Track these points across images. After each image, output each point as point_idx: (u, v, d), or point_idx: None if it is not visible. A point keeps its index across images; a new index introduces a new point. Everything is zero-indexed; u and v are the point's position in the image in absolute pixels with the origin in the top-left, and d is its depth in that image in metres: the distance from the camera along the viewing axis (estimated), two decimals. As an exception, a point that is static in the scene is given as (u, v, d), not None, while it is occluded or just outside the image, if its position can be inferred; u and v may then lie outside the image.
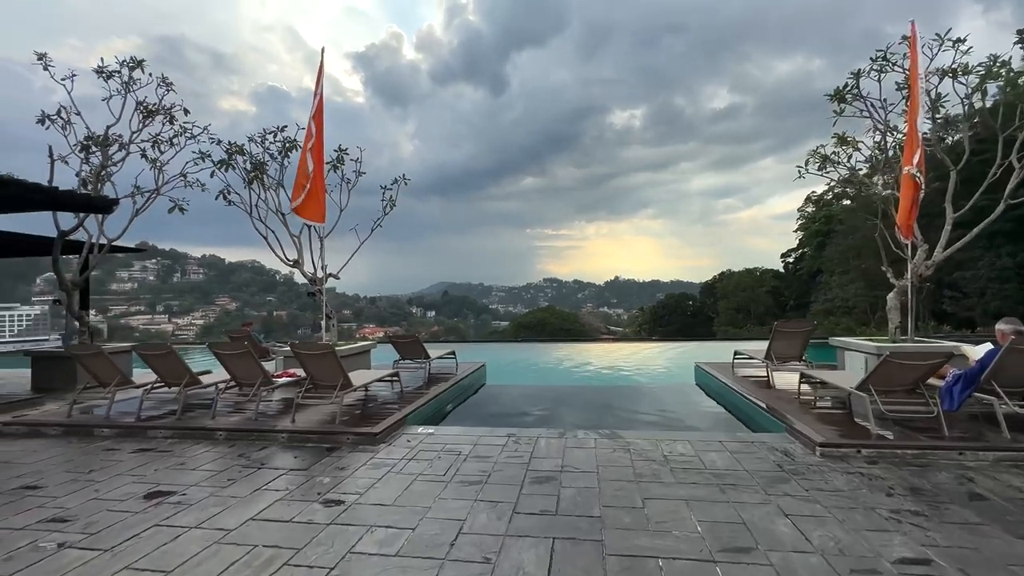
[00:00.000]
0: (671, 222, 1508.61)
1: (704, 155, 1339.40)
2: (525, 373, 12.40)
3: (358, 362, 8.42)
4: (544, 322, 67.18)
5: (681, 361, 13.59)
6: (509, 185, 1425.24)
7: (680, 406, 7.65)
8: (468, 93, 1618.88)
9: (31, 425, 5.66)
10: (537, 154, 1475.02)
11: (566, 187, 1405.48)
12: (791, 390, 6.56)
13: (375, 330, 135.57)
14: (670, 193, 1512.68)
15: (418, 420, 5.94)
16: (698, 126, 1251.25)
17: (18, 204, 7.16)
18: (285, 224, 8.60)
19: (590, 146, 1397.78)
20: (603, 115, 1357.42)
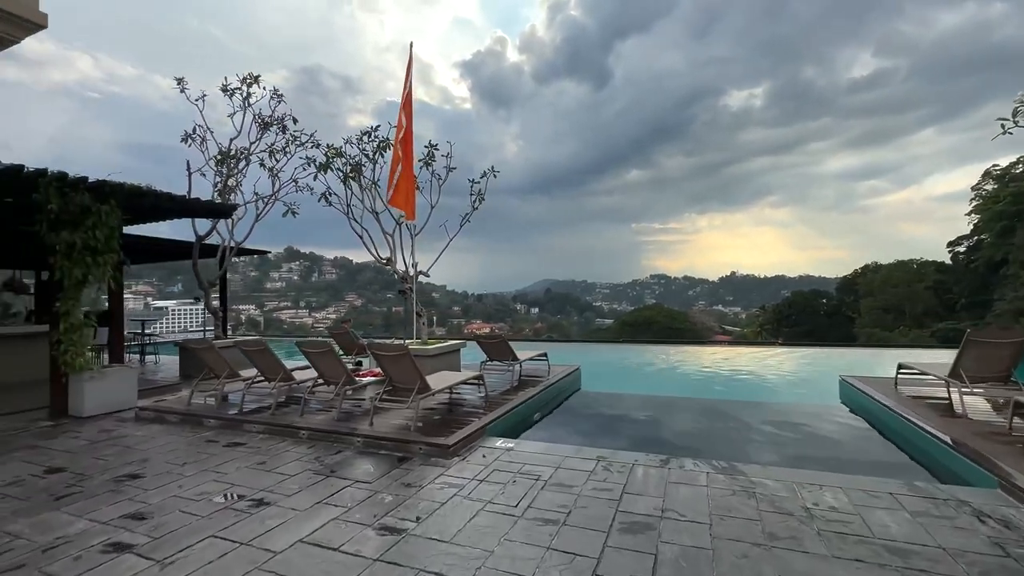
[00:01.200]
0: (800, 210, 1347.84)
1: (841, 132, 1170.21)
2: (625, 378, 11.34)
3: (447, 362, 8.21)
4: (650, 320, 63.72)
5: (817, 371, 11.45)
6: (613, 179, 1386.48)
7: (821, 433, 6.15)
8: (570, 89, 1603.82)
9: (159, 412, 6.23)
10: (643, 145, 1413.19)
11: (674, 178, 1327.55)
12: (994, 423, 4.83)
13: (481, 326, 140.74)
14: (798, 178, 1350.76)
15: (499, 430, 5.42)
16: (832, 99, 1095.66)
17: (157, 213, 8.09)
18: (379, 222, 8.71)
19: (701, 132, 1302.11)
20: (716, 98, 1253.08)
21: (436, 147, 9.05)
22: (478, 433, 4.98)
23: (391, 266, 8.77)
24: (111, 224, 6.76)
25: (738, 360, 13.45)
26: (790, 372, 11.86)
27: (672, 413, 7.34)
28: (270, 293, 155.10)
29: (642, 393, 8.91)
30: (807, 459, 5.14)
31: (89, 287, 6.82)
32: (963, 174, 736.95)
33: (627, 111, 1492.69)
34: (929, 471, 4.46)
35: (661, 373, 12.19)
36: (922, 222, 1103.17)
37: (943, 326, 37.00)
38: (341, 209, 8.80)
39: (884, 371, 7.55)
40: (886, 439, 5.63)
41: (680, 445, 5.64)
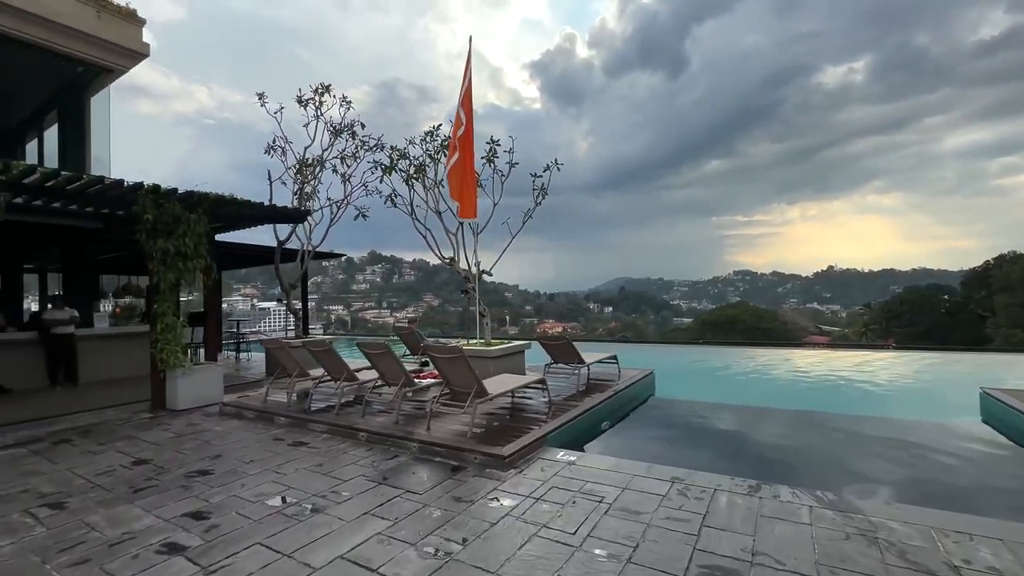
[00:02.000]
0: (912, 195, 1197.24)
1: (964, 104, 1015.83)
2: (706, 384, 10.39)
3: (510, 364, 7.93)
4: (734, 320, 59.56)
5: (944, 381, 9.73)
6: (690, 171, 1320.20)
7: (960, 460, 5.05)
8: (643, 80, 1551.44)
9: (239, 407, 6.57)
10: (723, 133, 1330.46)
11: (760, 166, 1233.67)
12: None
13: (553, 325, 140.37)
14: (909, 159, 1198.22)
15: (562, 440, 5.02)
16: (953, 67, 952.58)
17: (240, 220, 8.64)
18: (442, 222, 8.65)
19: (791, 115, 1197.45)
20: (808, 76, 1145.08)
21: (498, 143, 8.82)
22: (538, 443, 4.62)
23: (454, 266, 8.68)
24: (199, 231, 7.27)
25: (838, 364, 11.85)
26: (908, 380, 10.20)
27: (762, 427, 6.48)
28: (356, 294, 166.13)
29: (726, 402, 8.03)
30: (945, 496, 4.18)
31: (183, 290, 7.39)
32: None
33: (705, 98, 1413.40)
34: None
35: (748, 379, 11.04)
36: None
37: None
38: (405, 210, 8.88)
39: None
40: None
41: (773, 468, 4.87)
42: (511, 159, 8.85)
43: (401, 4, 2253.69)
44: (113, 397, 7.70)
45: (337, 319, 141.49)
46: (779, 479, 3.85)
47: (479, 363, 7.53)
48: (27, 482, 4.19)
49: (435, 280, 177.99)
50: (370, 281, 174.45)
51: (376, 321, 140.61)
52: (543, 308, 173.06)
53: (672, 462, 4.79)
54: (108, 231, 8.47)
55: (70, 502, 3.74)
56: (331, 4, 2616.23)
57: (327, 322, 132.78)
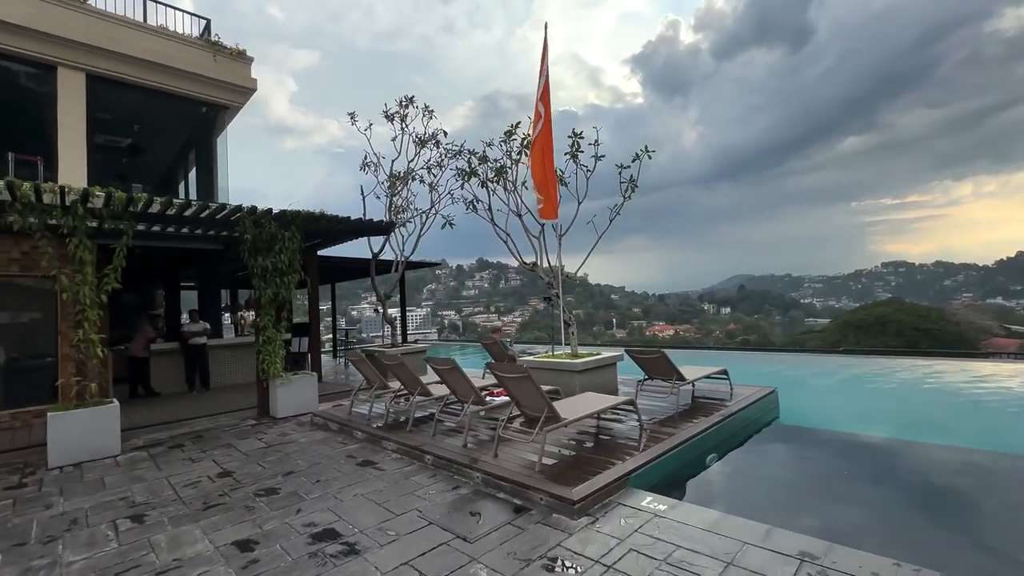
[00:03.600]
0: None
1: None
2: (848, 406, 8.45)
3: (598, 378, 7.14)
4: (885, 320, 50.52)
5: None
6: (820, 153, 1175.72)
7: None
8: (759, 58, 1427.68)
9: (325, 419, 6.70)
10: (861, 105, 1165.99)
11: (912, 138, 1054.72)
12: None
13: (664, 328, 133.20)
14: None
15: (653, 478, 4.16)
16: None
17: (334, 235, 9.01)
18: (523, 225, 8.14)
19: (953, 74, 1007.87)
20: (976, 25, 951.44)
21: (581, 136, 8.07)
22: (619, 483, 3.83)
23: (536, 270, 8.12)
24: (292, 248, 7.66)
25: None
26: None
27: (934, 474, 4.86)
28: (466, 300, 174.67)
29: (877, 433, 6.32)
30: None
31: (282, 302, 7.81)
32: None
33: (836, 68, 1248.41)
34: None
35: (908, 400, 8.80)
36: None
37: None
38: (485, 216, 8.53)
39: None
40: None
41: (958, 543, 3.47)
42: (596, 152, 8.06)
43: (500, 17, 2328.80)
44: (232, 403, 8.45)
45: (450, 323, 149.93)
46: (963, 563, 2.63)
47: (563, 377, 6.87)
48: (129, 489, 4.50)
49: (540, 284, 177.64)
50: (478, 287, 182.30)
51: (485, 325, 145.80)
52: (652, 310, 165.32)
53: (801, 524, 3.68)
54: (228, 251, 9.42)
55: (150, 516, 3.87)
56: (439, 29, 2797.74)
57: (440, 326, 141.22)
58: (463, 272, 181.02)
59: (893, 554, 3.19)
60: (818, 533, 3.53)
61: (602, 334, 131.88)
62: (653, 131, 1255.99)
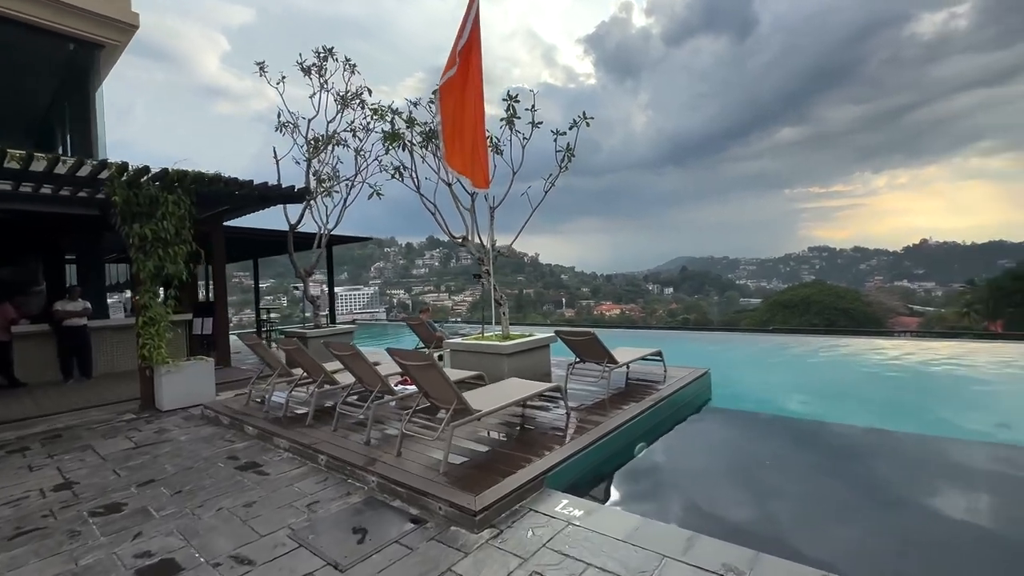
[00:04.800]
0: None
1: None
2: (778, 385, 8.56)
3: (530, 361, 6.69)
4: (809, 300, 54.35)
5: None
6: (759, 142, 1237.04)
7: None
8: (706, 46, 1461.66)
9: (217, 412, 5.81)
10: (797, 98, 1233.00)
11: (839, 132, 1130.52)
12: None
13: (611, 307, 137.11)
14: None
15: (572, 477, 3.73)
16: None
17: (237, 202, 7.89)
18: (453, 195, 7.42)
19: (878, 72, 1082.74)
20: (898, 26, 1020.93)
21: (516, 100, 7.41)
22: (532, 485, 3.35)
23: (467, 246, 7.47)
24: (179, 214, 6.56)
25: (959, 361, 9.48)
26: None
27: (874, 459, 4.77)
28: (416, 279, 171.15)
29: (807, 417, 6.29)
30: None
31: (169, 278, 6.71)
32: None
33: (777, 61, 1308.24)
34: None
35: (838, 380, 9.04)
36: None
37: None
38: (411, 186, 7.72)
39: None
40: None
41: (887, 545, 3.27)
42: (533, 118, 7.43)
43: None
44: (114, 394, 7.30)
45: (399, 302, 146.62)
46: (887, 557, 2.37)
47: (490, 361, 6.36)
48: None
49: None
50: (429, 265, 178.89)
51: (435, 304, 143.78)
52: (600, 289, 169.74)
53: (728, 522, 3.38)
54: (107, 218, 8.07)
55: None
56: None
57: (390, 305, 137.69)
58: (413, 250, 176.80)
59: (818, 548, 2.93)
60: (746, 532, 3.24)
61: (551, 313, 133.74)
62: (606, 113, 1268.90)
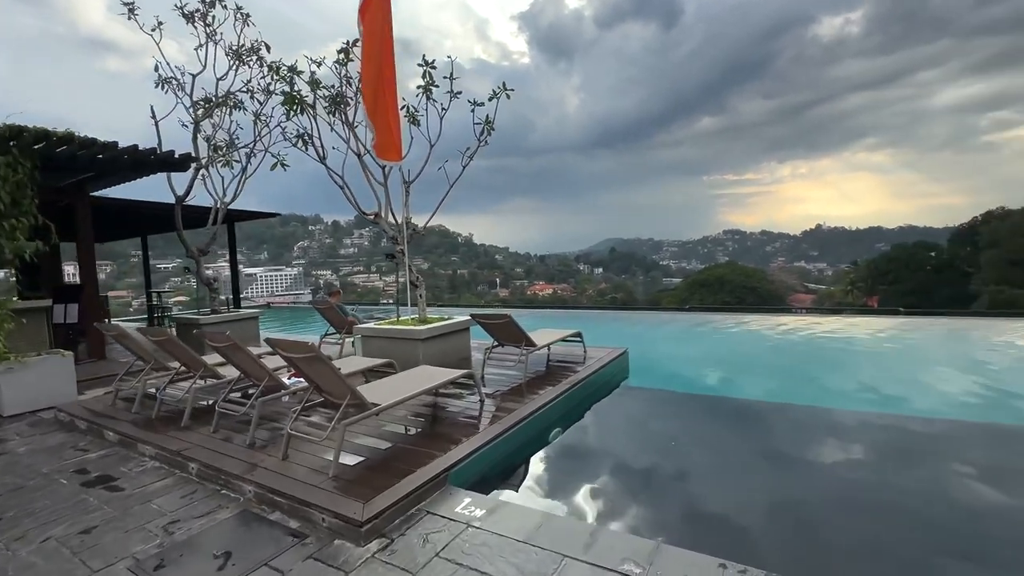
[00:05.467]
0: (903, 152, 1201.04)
1: (961, 56, 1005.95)
2: (697, 363, 8.94)
3: (448, 346, 6.38)
4: (723, 279, 58.60)
5: (971, 355, 8.39)
6: (681, 130, 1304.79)
7: None
8: (636, 32, 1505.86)
9: (72, 415, 4.93)
10: (716, 89, 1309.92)
11: (752, 124, 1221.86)
12: None
13: (544, 287, 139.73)
14: (901, 115, 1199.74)
15: (480, 470, 3.51)
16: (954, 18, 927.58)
17: (104, 168, 6.72)
18: (364, 168, 6.79)
19: (785, 70, 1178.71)
20: (804, 27, 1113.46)
21: (434, 66, 6.87)
22: (433, 485, 3.08)
23: (379, 223, 6.91)
24: (16, 180, 5.42)
25: (845, 334, 10.47)
26: (934, 357, 8.84)
27: (776, 432, 4.99)
28: (344, 259, 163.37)
29: (718, 392, 6.54)
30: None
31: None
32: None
33: (699, 51, 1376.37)
34: None
35: (744, 354, 9.59)
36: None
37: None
38: (315, 157, 6.96)
39: None
40: None
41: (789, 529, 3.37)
42: (452, 87, 6.94)
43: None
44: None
45: (326, 284, 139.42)
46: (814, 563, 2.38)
47: (403, 347, 5.96)
48: None
49: (424, 243, 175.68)
50: (358, 245, 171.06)
51: (365, 285, 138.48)
52: (533, 270, 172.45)
53: (632, 510, 3.33)
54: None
55: None
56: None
57: (316, 287, 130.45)
58: (341, 228, 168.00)
59: (721, 535, 2.92)
60: (651, 517, 3.19)
61: (486, 293, 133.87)
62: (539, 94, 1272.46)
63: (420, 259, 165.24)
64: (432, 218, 6.95)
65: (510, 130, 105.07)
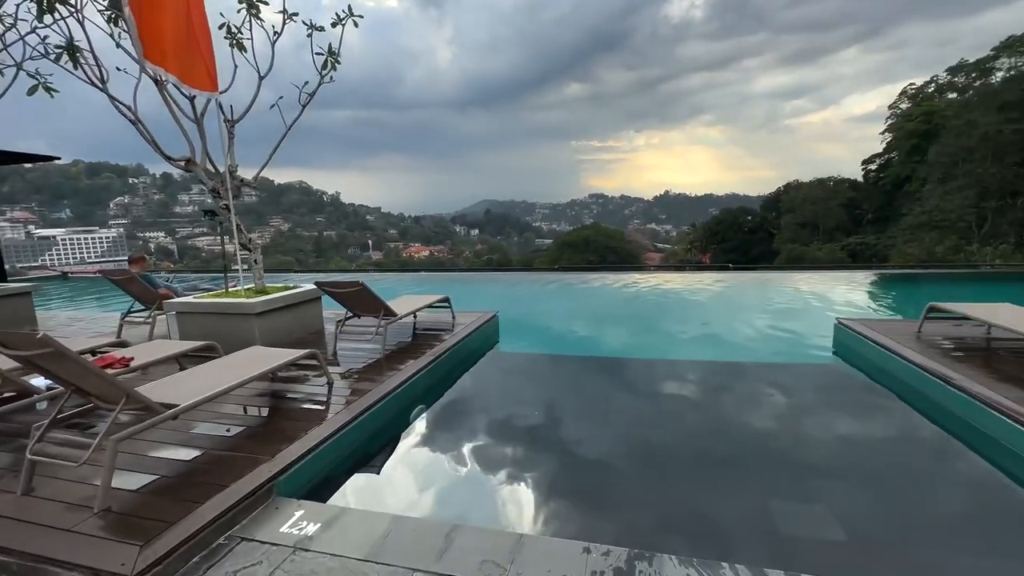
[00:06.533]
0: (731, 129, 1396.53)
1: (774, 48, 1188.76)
2: (562, 321, 9.17)
3: (296, 318, 5.50)
4: (589, 240, 62.93)
5: (770, 303, 9.90)
6: (552, 94, 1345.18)
7: (851, 422, 4.21)
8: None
9: None
10: (583, 56, 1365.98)
11: (614, 93, 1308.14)
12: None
13: (420, 249, 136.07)
14: (731, 96, 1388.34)
15: (320, 471, 2.95)
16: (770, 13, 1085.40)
17: None
18: (167, 99, 5.26)
19: (642, 44, 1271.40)
20: (659, 5, 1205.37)
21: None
22: (251, 502, 2.45)
23: (195, 170, 5.52)
24: None
25: (682, 284, 11.71)
26: (752, 306, 10.25)
27: (639, 387, 5.15)
28: (181, 218, 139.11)
29: (590, 353, 6.66)
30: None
31: None
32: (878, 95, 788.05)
33: (568, 17, 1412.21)
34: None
35: (611, 312, 10.09)
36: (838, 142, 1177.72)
37: (852, 240, 39.70)
38: (85, 78, 5.21)
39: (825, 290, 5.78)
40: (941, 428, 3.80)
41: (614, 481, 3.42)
42: (285, 5, 5.68)
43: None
44: None
45: (159, 248, 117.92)
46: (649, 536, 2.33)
47: (236, 324, 4.96)
48: None
49: (283, 201, 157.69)
50: (197, 202, 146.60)
51: (211, 250, 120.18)
52: (408, 231, 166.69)
53: (500, 497, 3.09)
54: None
55: None
56: None
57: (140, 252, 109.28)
58: (174, 182, 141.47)
59: (587, 513, 2.82)
60: (517, 503, 2.98)
61: (358, 256, 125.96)
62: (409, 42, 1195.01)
63: (280, 219, 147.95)
64: (266, 167, 5.76)
65: (378, 79, 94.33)
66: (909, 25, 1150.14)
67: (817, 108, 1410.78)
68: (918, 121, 37.72)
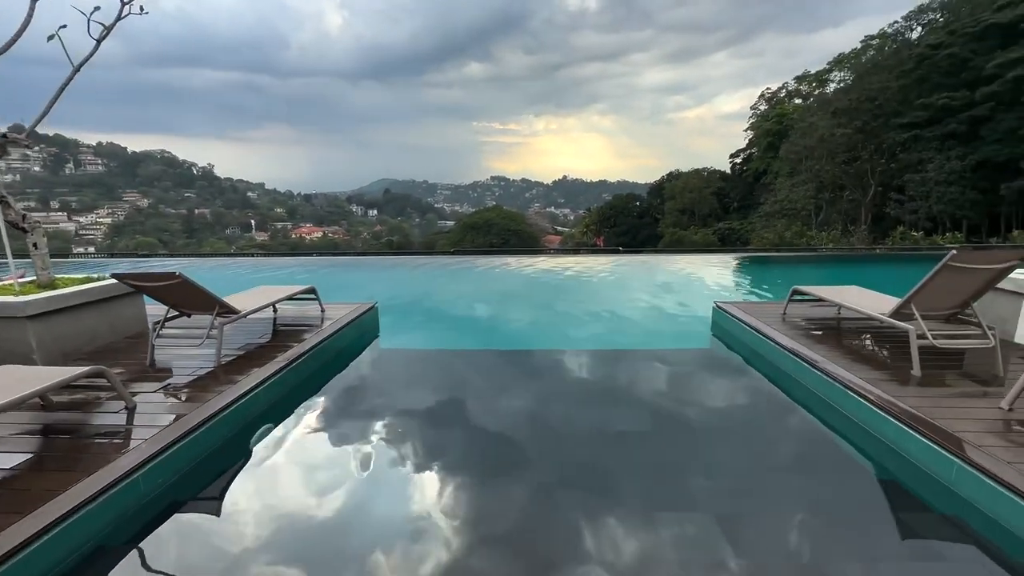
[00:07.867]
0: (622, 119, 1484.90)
1: (659, 45, 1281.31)
2: (453, 314, 8.58)
3: (103, 320, 4.27)
4: (490, 223, 62.93)
5: (661, 286, 10.34)
6: (453, 72, 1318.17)
7: (733, 405, 4.23)
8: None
9: None
10: (484, 35, 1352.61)
11: (515, 76, 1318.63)
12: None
13: (312, 230, 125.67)
14: (621, 88, 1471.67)
15: (90, 536, 2.12)
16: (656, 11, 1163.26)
17: None
18: None
19: (541, 29, 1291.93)
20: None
21: None
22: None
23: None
24: None
25: (584, 269, 11.85)
26: (642, 289, 10.58)
27: (536, 382, 4.75)
28: None
29: (481, 346, 6.15)
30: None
31: None
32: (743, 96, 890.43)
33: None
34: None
35: (506, 299, 9.69)
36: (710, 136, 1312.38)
37: (721, 226, 44.74)
38: None
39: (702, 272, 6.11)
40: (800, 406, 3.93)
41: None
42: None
43: None
44: None
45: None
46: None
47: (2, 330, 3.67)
48: None
49: (140, 172, 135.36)
50: (23, 171, 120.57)
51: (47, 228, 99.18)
52: (298, 210, 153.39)
53: (347, 550, 2.46)
54: None
55: None
56: None
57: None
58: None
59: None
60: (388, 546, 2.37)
61: (239, 237, 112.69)
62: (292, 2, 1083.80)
63: (136, 193, 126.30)
64: (36, 123, 4.33)
65: (257, 38, 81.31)
66: (766, 35, 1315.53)
67: (693, 104, 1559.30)
68: (773, 121, 43.34)
